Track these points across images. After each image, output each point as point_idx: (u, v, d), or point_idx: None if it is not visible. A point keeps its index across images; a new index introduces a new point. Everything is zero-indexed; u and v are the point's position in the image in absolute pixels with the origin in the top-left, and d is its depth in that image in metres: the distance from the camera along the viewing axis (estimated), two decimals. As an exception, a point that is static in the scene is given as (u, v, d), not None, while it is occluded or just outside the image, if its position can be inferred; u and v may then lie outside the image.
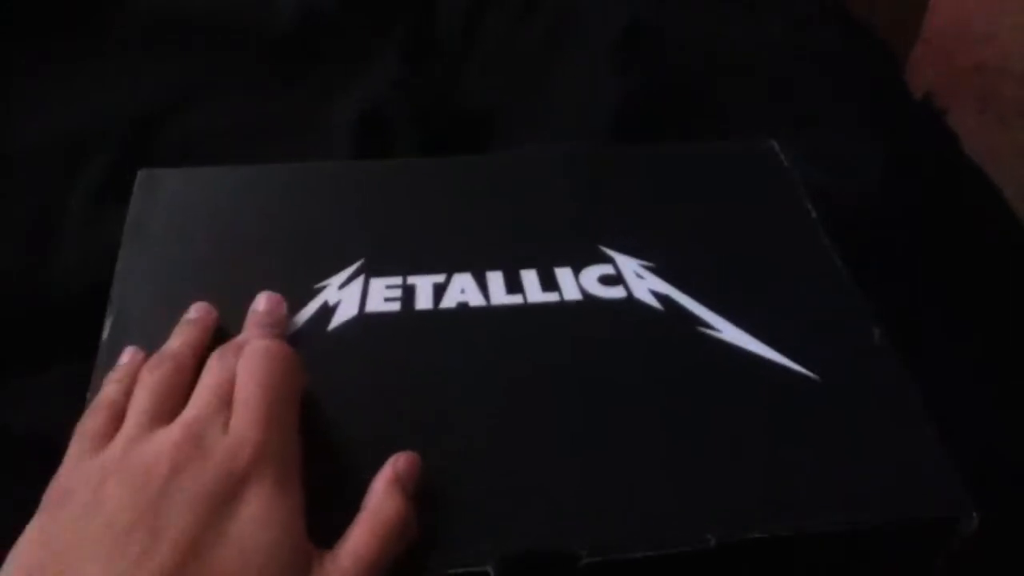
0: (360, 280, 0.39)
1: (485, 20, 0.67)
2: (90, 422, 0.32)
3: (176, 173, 0.44)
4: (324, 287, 0.39)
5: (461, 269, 0.40)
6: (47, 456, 0.32)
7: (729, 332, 0.38)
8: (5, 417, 0.48)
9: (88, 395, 0.35)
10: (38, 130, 0.59)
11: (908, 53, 0.91)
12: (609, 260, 0.41)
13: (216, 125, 0.58)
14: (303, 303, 0.38)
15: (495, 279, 0.40)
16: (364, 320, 0.38)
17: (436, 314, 0.38)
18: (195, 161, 0.46)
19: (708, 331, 0.38)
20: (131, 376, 0.34)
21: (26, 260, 0.55)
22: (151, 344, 0.36)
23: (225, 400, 0.31)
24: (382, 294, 0.39)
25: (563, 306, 0.39)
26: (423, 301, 0.39)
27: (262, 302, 0.37)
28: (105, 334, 0.37)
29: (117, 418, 0.32)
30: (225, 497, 0.28)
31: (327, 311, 0.38)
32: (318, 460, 0.32)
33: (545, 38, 0.66)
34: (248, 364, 0.32)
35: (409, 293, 0.39)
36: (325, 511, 0.30)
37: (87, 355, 0.38)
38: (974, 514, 0.32)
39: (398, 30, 0.64)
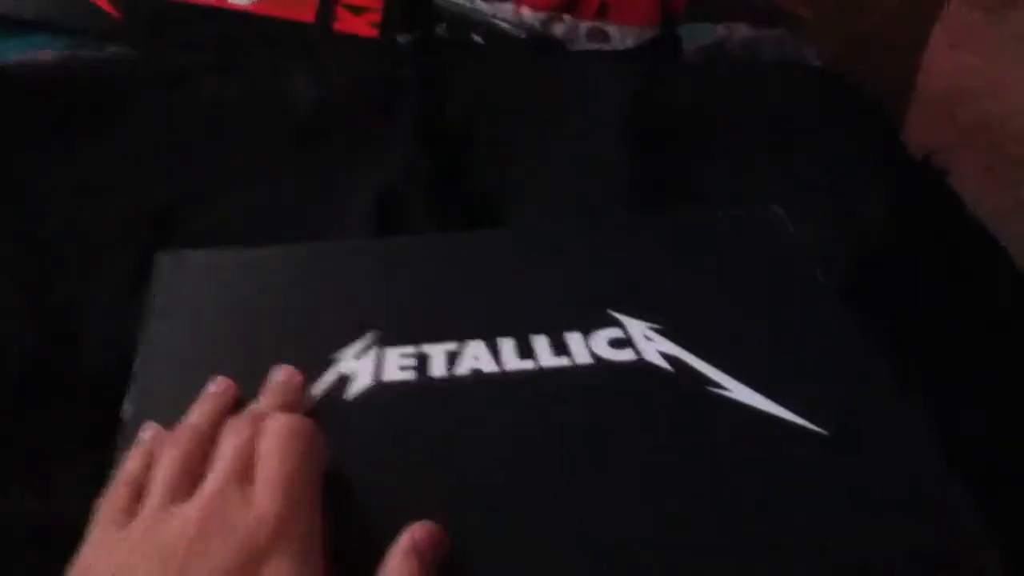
0: (375, 350, 0.40)
1: (494, 99, 0.69)
2: (113, 498, 0.33)
3: (197, 255, 0.45)
4: (340, 358, 0.40)
5: (473, 337, 0.41)
6: (72, 543, 0.33)
7: (738, 391, 0.39)
8: (32, 504, 0.49)
9: (110, 472, 0.36)
10: (64, 221, 0.61)
11: (906, 114, 0.93)
12: (618, 324, 0.42)
13: (235, 214, 0.60)
14: (320, 373, 0.39)
15: (507, 345, 0.40)
16: (380, 389, 0.39)
17: (450, 381, 0.39)
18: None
19: (718, 390, 0.39)
20: (152, 451, 0.34)
21: (51, 348, 0.56)
22: (172, 421, 0.36)
23: (244, 472, 0.32)
24: (397, 363, 0.40)
25: (575, 370, 0.40)
26: (437, 369, 0.39)
27: (279, 373, 0.38)
28: (127, 412, 0.38)
29: (139, 494, 0.33)
30: (246, 572, 0.29)
31: (344, 381, 0.39)
32: (338, 530, 0.33)
33: (551, 115, 0.68)
34: (270, 439, 0.33)
35: (423, 361, 0.40)
36: None
37: (111, 442, 0.38)
38: (998, 565, 0.32)
39: (408, 114, 0.66)
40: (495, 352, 0.40)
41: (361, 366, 0.40)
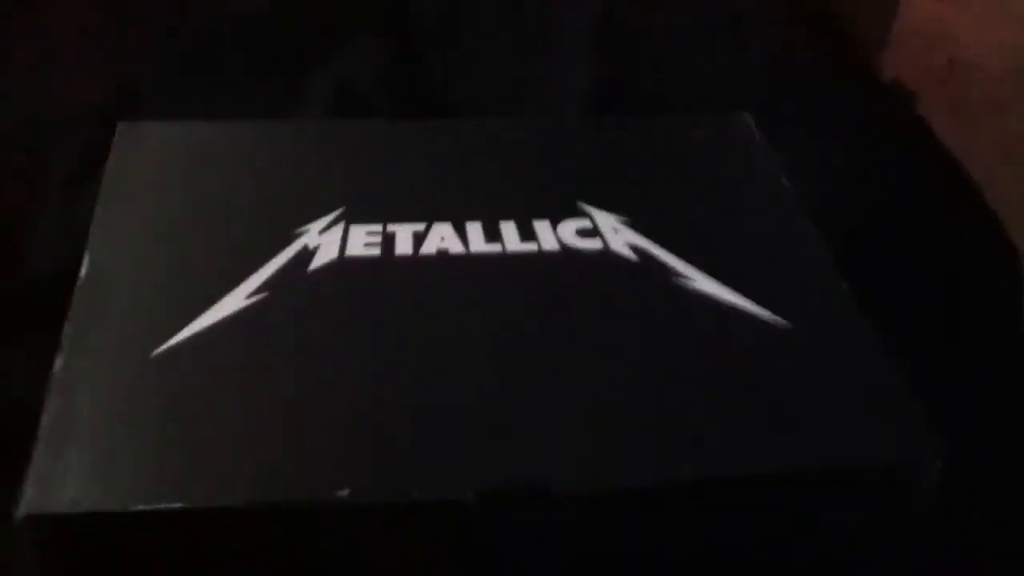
0: (340, 227, 0.40)
1: (463, 8, 0.68)
2: None
3: (158, 126, 0.44)
4: (304, 232, 0.39)
5: (441, 219, 0.40)
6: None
7: (702, 282, 0.39)
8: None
9: (57, 352, 0.34)
10: (11, 113, 0.59)
11: (880, 54, 0.93)
12: (586, 215, 0.41)
13: (189, 105, 0.58)
14: (282, 247, 0.38)
15: (474, 229, 0.40)
16: (344, 263, 0.38)
17: (416, 259, 0.39)
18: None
19: (682, 280, 0.39)
20: None
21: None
22: (127, 290, 0.36)
23: None
24: (362, 240, 0.39)
25: (541, 255, 0.39)
26: (403, 247, 0.39)
27: None
28: (81, 280, 0.37)
29: None
30: None
31: (307, 254, 0.38)
32: (298, 401, 0.32)
33: (523, 29, 0.67)
34: None
35: (389, 240, 0.39)
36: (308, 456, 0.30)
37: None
38: (936, 461, 0.33)
39: (373, 15, 0.65)
40: (462, 234, 0.40)
41: (325, 241, 0.39)
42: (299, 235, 0.39)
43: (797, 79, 0.60)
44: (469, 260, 0.39)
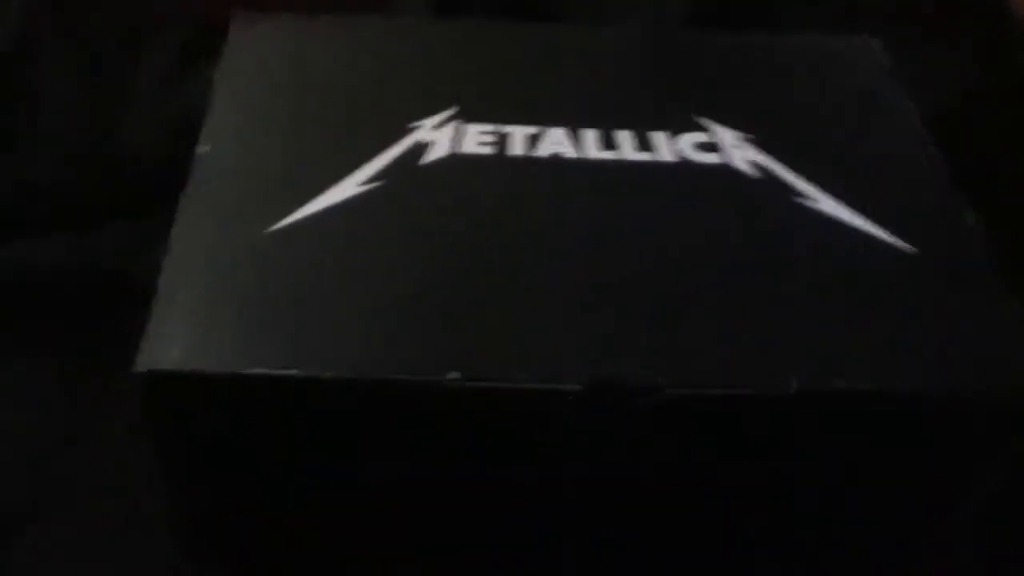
0: (454, 124, 0.39)
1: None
2: None
3: (272, 18, 0.44)
4: (418, 127, 0.39)
5: (556, 124, 0.39)
6: (131, 292, 0.33)
7: (825, 203, 0.37)
8: (63, 260, 0.50)
9: (174, 225, 0.34)
10: (111, 9, 0.60)
11: None
12: (706, 129, 0.40)
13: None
14: (396, 140, 0.38)
15: (589, 136, 0.39)
16: (457, 160, 0.38)
17: (529, 160, 0.38)
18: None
19: (804, 200, 0.37)
20: None
21: (91, 126, 0.56)
22: (244, 163, 0.36)
23: None
24: (476, 138, 0.39)
25: (657, 165, 0.38)
26: (516, 148, 0.38)
27: None
28: (198, 156, 0.37)
29: None
30: None
31: (419, 148, 0.38)
32: (409, 285, 0.32)
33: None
34: None
35: (502, 139, 0.39)
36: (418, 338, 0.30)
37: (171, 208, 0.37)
38: None
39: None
40: (577, 140, 0.39)
41: (439, 136, 0.38)
42: (412, 129, 0.39)
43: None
44: (583, 164, 0.38)
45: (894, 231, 0.36)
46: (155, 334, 0.31)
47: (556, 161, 0.38)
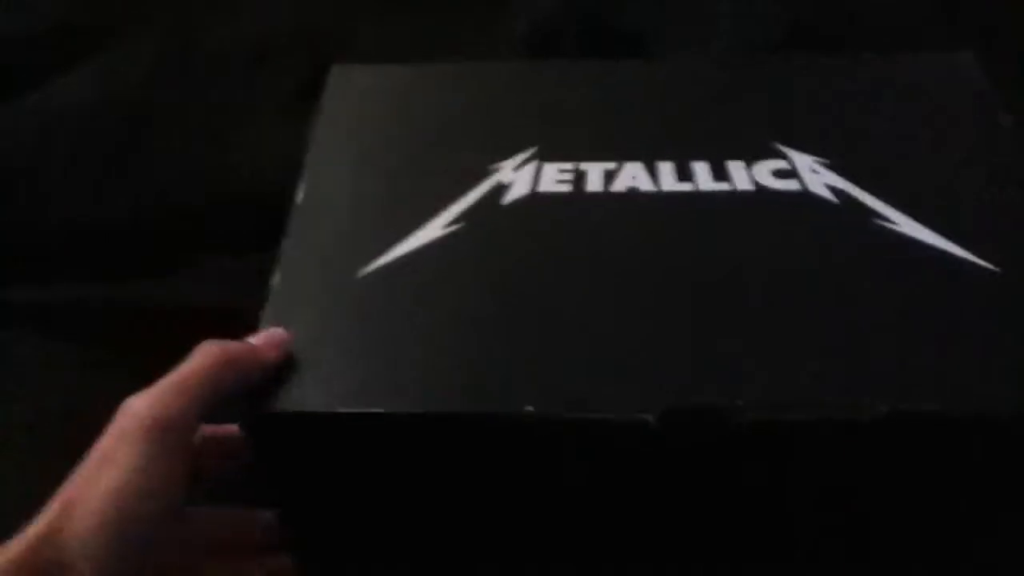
0: (534, 164, 0.41)
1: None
2: None
3: (366, 69, 0.47)
4: (498, 168, 0.41)
5: (632, 159, 0.41)
6: (231, 326, 0.35)
7: (906, 225, 0.37)
8: (199, 292, 0.53)
9: (275, 266, 0.37)
10: (230, 34, 0.64)
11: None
12: (783, 156, 0.40)
13: (390, 41, 0.61)
14: (478, 181, 0.40)
15: (666, 168, 0.40)
16: (536, 198, 0.39)
17: (606, 196, 0.39)
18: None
19: (885, 223, 0.37)
20: None
21: (208, 158, 0.60)
22: (337, 211, 0.39)
23: None
24: (554, 176, 0.40)
25: (735, 195, 0.39)
26: (594, 184, 0.40)
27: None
28: (297, 204, 0.40)
29: None
30: None
31: (501, 189, 0.40)
32: (491, 321, 0.34)
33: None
34: None
35: (580, 177, 0.40)
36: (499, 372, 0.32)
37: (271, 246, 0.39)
38: None
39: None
40: (653, 173, 0.40)
41: (519, 177, 0.40)
42: (494, 171, 0.40)
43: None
44: (660, 197, 0.39)
45: (977, 251, 0.36)
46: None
47: (632, 195, 0.39)
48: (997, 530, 0.35)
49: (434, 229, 0.38)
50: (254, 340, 0.34)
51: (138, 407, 0.31)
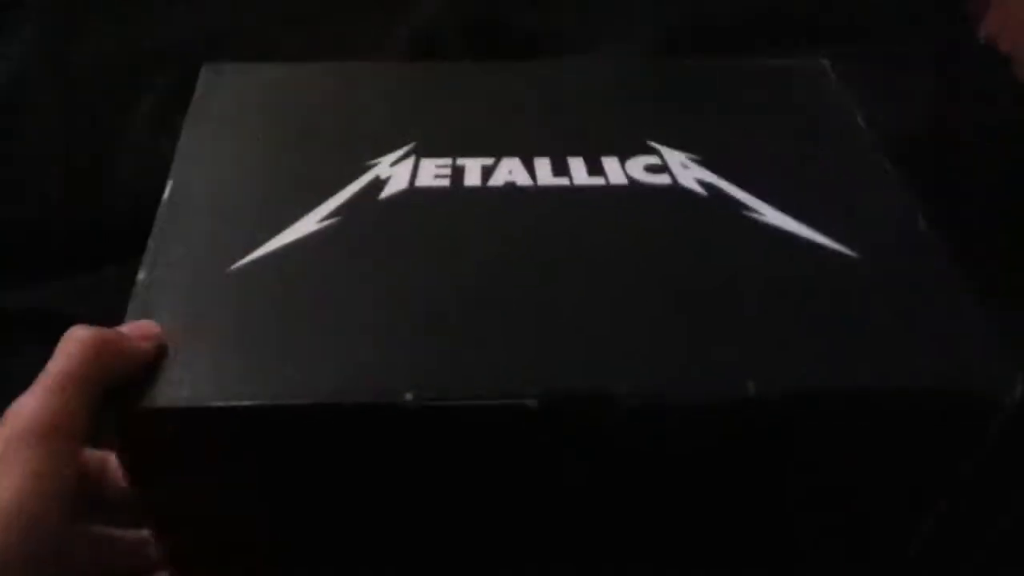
0: (412, 159, 0.40)
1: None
2: None
3: (239, 67, 0.46)
4: (376, 164, 0.40)
5: (509, 154, 0.41)
6: None
7: (772, 215, 0.38)
8: (69, 307, 0.51)
9: (139, 276, 0.35)
10: (103, 48, 0.62)
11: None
12: (655, 152, 0.41)
13: (273, 47, 0.60)
14: (355, 176, 0.39)
15: (542, 164, 0.40)
16: (414, 193, 0.39)
17: (484, 191, 0.39)
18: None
19: (751, 214, 0.38)
20: None
21: (89, 171, 0.57)
22: (207, 215, 0.37)
23: None
24: (432, 172, 0.40)
25: (608, 189, 0.39)
26: (472, 179, 0.40)
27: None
28: (164, 202, 0.39)
29: None
30: None
31: (378, 184, 0.39)
32: (365, 313, 0.33)
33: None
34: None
35: (458, 172, 0.40)
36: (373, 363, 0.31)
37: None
38: (1019, 379, 0.32)
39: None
40: (530, 168, 0.40)
41: (396, 172, 0.40)
42: (371, 167, 0.40)
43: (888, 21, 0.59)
44: (536, 192, 0.39)
45: (841, 239, 0.37)
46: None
47: (509, 190, 0.39)
48: (871, 507, 0.36)
49: (309, 224, 0.37)
50: (125, 329, 0.32)
51: (26, 410, 0.29)
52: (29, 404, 0.29)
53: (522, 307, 0.34)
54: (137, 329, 0.32)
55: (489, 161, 0.41)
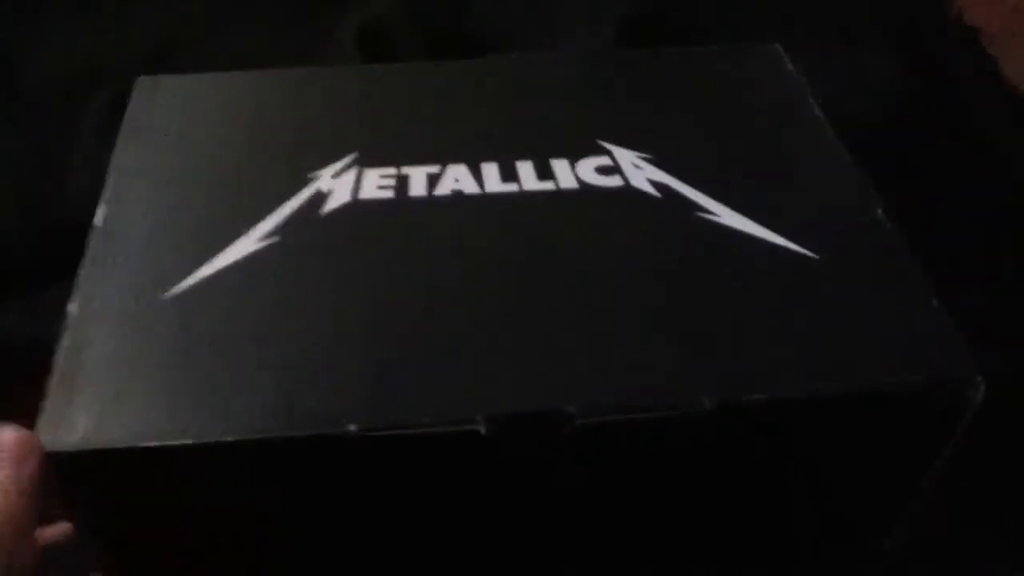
0: (354, 170, 0.39)
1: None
2: None
3: (174, 79, 0.44)
4: (317, 176, 0.39)
5: (455, 160, 0.39)
6: (45, 360, 0.32)
7: (727, 216, 0.37)
8: (13, 327, 0.49)
9: (69, 308, 0.34)
10: (48, 63, 0.60)
11: None
12: (606, 152, 0.40)
13: (221, 55, 0.58)
14: (295, 191, 0.38)
15: (490, 169, 0.39)
16: (357, 206, 0.37)
17: (430, 200, 0.38)
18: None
19: (706, 215, 0.37)
20: None
21: (35, 186, 0.55)
22: (141, 234, 0.36)
23: None
24: (376, 183, 0.38)
25: (559, 193, 0.38)
26: (417, 189, 0.38)
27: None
28: (95, 225, 0.37)
29: None
30: None
31: (319, 198, 0.38)
32: (308, 338, 0.32)
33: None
34: None
35: (403, 182, 0.39)
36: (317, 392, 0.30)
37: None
38: (980, 379, 0.31)
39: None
40: (477, 175, 0.39)
41: (338, 184, 0.38)
42: (312, 179, 0.39)
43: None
44: (484, 200, 0.38)
45: (798, 239, 0.36)
46: (52, 413, 0.30)
47: (456, 198, 0.38)
48: (843, 508, 0.36)
49: (247, 244, 0.36)
50: None
51: None
52: None
53: (471, 325, 0.33)
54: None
55: (435, 169, 0.39)
